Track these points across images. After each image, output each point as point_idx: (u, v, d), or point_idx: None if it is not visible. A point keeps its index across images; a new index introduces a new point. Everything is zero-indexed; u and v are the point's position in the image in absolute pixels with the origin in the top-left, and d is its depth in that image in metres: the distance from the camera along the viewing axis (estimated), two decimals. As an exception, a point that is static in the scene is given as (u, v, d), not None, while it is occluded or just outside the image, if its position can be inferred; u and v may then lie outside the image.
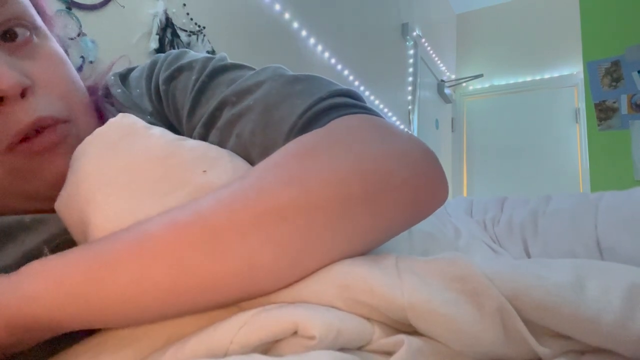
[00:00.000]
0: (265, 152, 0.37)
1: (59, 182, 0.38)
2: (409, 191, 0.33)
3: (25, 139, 0.38)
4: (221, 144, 0.43)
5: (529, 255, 0.56)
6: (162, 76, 0.47)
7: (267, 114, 0.40)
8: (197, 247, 0.28)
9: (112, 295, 0.27)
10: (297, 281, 0.30)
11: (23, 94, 0.38)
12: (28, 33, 0.40)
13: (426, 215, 0.36)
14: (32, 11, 0.42)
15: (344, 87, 0.42)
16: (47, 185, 0.40)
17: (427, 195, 0.35)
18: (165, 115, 0.48)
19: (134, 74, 0.51)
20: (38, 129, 0.39)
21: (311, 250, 0.30)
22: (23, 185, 0.40)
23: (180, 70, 0.47)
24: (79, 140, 0.39)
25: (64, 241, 0.37)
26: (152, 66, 0.50)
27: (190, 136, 0.45)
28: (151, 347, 0.28)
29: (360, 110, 0.40)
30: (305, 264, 0.30)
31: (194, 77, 0.46)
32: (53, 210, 0.38)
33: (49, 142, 0.39)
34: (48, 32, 0.43)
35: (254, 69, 0.46)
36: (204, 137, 0.44)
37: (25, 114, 0.37)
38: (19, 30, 0.39)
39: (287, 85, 0.42)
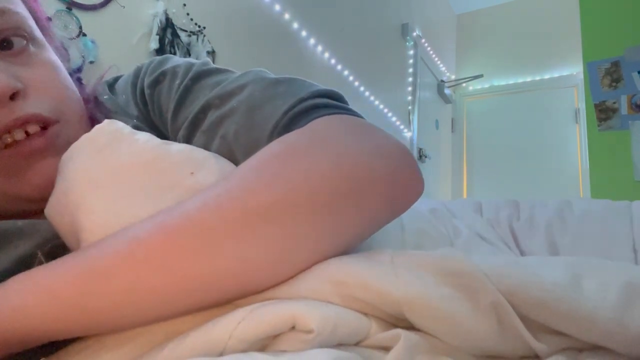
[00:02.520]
0: (250, 153, 0.38)
1: (48, 185, 0.38)
2: (388, 185, 0.35)
3: (14, 142, 0.39)
4: (206, 146, 0.43)
5: (554, 251, 0.57)
6: (147, 81, 0.48)
7: (250, 115, 0.41)
8: (187, 249, 0.28)
9: (106, 304, 0.28)
10: (289, 277, 0.30)
11: (13, 97, 0.38)
12: (24, 42, 0.41)
13: (405, 207, 0.38)
14: (30, 22, 0.43)
15: (326, 88, 0.43)
16: (35, 187, 0.40)
17: (405, 189, 0.37)
18: (151, 119, 0.49)
19: (120, 82, 0.53)
20: (27, 132, 0.39)
21: (299, 246, 0.30)
22: (11, 187, 0.40)
23: (164, 74, 0.48)
24: (70, 144, 0.39)
25: (56, 245, 0.37)
26: (137, 73, 0.51)
27: (175, 138, 0.46)
28: (150, 344, 0.28)
29: (340, 111, 0.41)
30: (295, 259, 0.30)
31: (177, 82, 0.47)
32: (38, 214, 0.39)
33: (37, 146, 0.40)
34: (45, 41, 0.44)
35: (236, 73, 0.47)
36: (188, 139, 0.45)
37: (11, 113, 0.38)
38: (15, 40, 0.41)
39: (269, 87, 0.43)
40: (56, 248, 0.37)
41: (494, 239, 0.59)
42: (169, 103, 0.47)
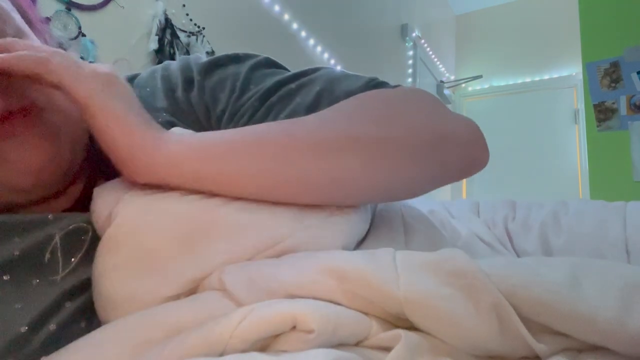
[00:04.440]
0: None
1: (37, 172, 0.38)
2: (465, 151, 0.42)
3: None
4: (279, 110, 0.47)
5: (547, 251, 0.57)
6: (198, 67, 0.50)
7: (331, 85, 0.47)
8: (304, 155, 0.36)
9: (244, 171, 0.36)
10: (372, 197, 0.40)
11: None
12: (7, 33, 0.40)
13: (471, 172, 0.45)
14: (15, 15, 0.42)
15: None
16: (23, 174, 0.38)
17: (476, 159, 0.44)
18: (184, 109, 0.48)
19: (142, 76, 0.52)
20: (5, 115, 0.37)
21: (379, 170, 0.38)
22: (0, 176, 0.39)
23: (225, 60, 0.50)
24: (56, 129, 0.39)
25: (75, 228, 0.37)
26: (167, 66, 0.52)
27: (234, 115, 0.48)
28: (149, 342, 0.28)
29: None
30: (382, 185, 0.39)
31: (245, 64, 0.50)
32: (34, 204, 0.40)
33: (18, 128, 0.37)
34: (31, 34, 0.43)
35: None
36: (257, 109, 0.47)
37: None
38: None
39: (341, 72, 0.49)
40: (74, 231, 0.37)
41: (491, 240, 0.59)
42: (235, 82, 0.48)
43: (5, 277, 0.33)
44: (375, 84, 0.47)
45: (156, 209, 0.35)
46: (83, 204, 0.44)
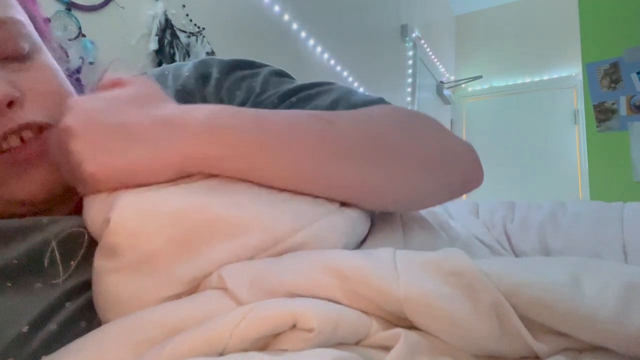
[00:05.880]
0: None
1: (42, 190, 0.39)
2: (466, 167, 0.47)
3: (9, 149, 0.39)
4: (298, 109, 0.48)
5: (546, 252, 0.57)
6: (219, 67, 0.51)
7: (347, 95, 0.49)
8: (332, 157, 0.38)
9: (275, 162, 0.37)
10: (384, 199, 0.42)
11: (10, 104, 0.38)
12: (24, 49, 0.41)
13: (468, 190, 0.48)
14: (30, 28, 0.42)
15: None
16: (29, 193, 0.40)
17: (474, 176, 0.48)
18: (195, 103, 0.49)
19: (150, 74, 0.53)
20: (22, 139, 0.39)
21: (399, 181, 0.41)
22: (5, 192, 0.40)
23: (241, 65, 0.52)
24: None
25: (71, 234, 0.37)
26: (179, 65, 0.52)
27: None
28: (149, 341, 0.28)
29: None
30: (391, 190, 0.41)
31: (261, 70, 0.52)
32: (38, 214, 0.40)
33: (32, 153, 0.39)
34: (43, 45, 0.44)
35: None
36: (276, 107, 0.48)
37: (9, 121, 0.38)
38: (17, 48, 0.40)
39: (353, 89, 0.52)
40: (70, 236, 0.37)
41: (490, 241, 0.60)
42: (253, 83, 0.50)
43: (8, 284, 0.33)
44: (385, 103, 0.49)
45: (153, 210, 0.33)
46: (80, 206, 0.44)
